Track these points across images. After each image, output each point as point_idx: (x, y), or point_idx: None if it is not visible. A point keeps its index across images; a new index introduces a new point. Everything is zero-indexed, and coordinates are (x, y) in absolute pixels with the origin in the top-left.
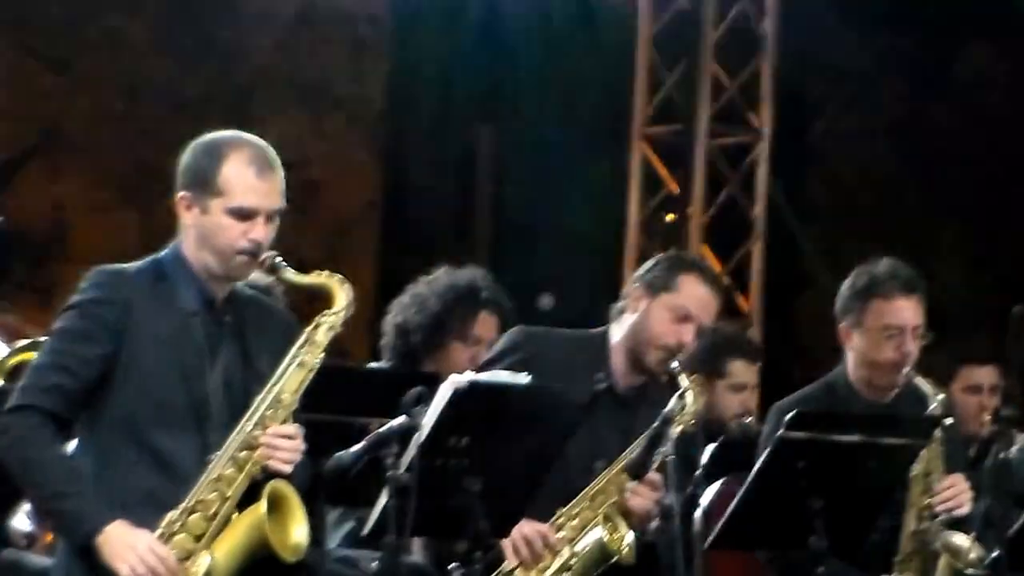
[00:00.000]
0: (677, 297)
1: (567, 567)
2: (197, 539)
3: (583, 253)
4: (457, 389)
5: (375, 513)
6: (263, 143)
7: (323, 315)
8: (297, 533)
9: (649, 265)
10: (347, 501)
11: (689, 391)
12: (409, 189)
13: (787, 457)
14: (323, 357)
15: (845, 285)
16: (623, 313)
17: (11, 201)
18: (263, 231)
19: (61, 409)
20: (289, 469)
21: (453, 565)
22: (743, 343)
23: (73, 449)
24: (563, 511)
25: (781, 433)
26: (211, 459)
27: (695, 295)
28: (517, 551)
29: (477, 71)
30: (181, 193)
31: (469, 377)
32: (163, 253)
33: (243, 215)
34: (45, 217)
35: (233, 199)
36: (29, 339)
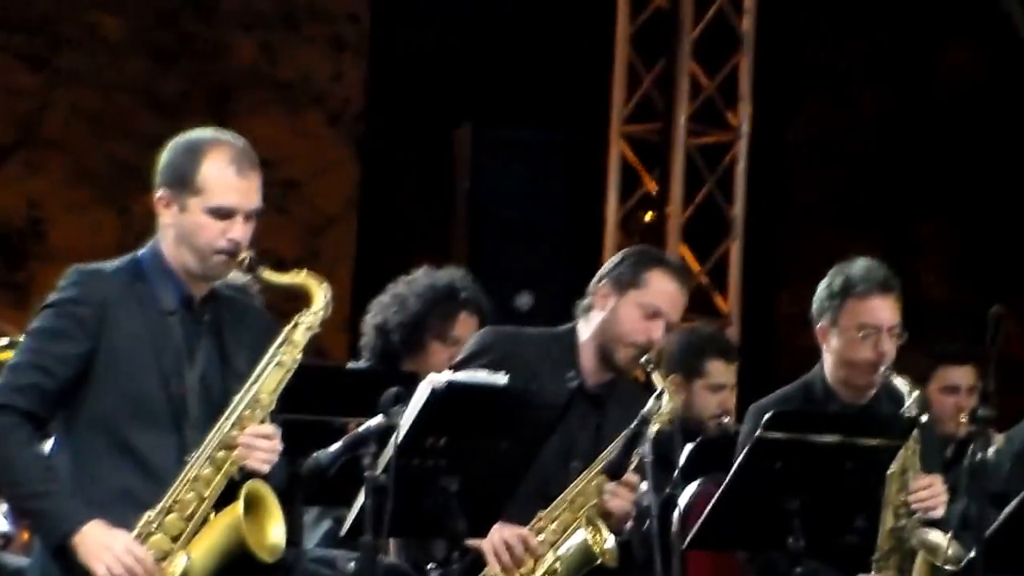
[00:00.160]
0: (645, 294)
1: (551, 571)
2: (174, 539)
3: (561, 252)
4: (435, 389)
5: (352, 513)
6: (242, 142)
7: (301, 314)
8: (274, 533)
9: (615, 261)
10: (325, 501)
11: (665, 390)
12: (387, 188)
13: (765, 457)
14: (301, 356)
15: (821, 285)
16: (590, 311)
17: None
18: (242, 230)
19: (38, 408)
20: (267, 469)
21: (431, 566)
22: (721, 343)
23: (50, 448)
24: (543, 514)
25: (759, 433)
26: (189, 459)
27: (664, 291)
28: (498, 557)
29: (455, 70)
30: (160, 191)
31: (447, 377)
32: (141, 252)
33: (222, 214)
34: (21, 215)
35: (212, 198)
36: (6, 338)
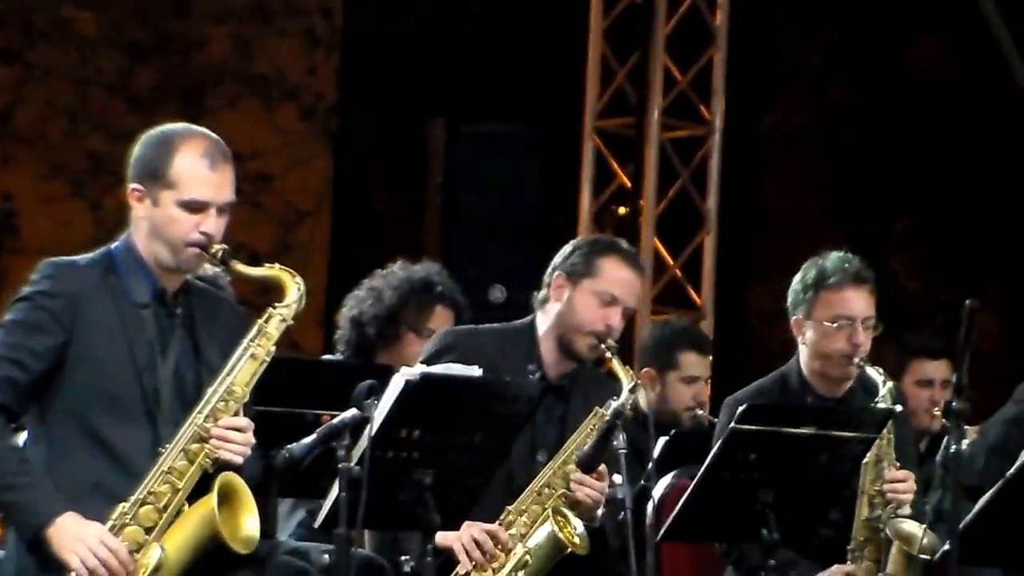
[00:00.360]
0: (600, 282)
1: (523, 564)
2: (148, 531)
3: (535, 246)
4: (409, 382)
5: (327, 505)
6: (215, 136)
7: (275, 307)
8: (248, 525)
9: (567, 251)
10: (299, 493)
11: (627, 379)
12: (361, 182)
13: (739, 449)
14: (275, 349)
15: (796, 278)
16: (547, 302)
17: None
18: (215, 224)
19: (11, 402)
20: (240, 461)
21: (404, 558)
22: (694, 335)
23: (24, 441)
24: (511, 508)
25: (733, 426)
26: (162, 451)
27: (618, 278)
28: (469, 554)
29: (429, 65)
30: (133, 185)
31: (421, 370)
32: (114, 245)
33: (195, 208)
34: None
35: (185, 192)
36: None
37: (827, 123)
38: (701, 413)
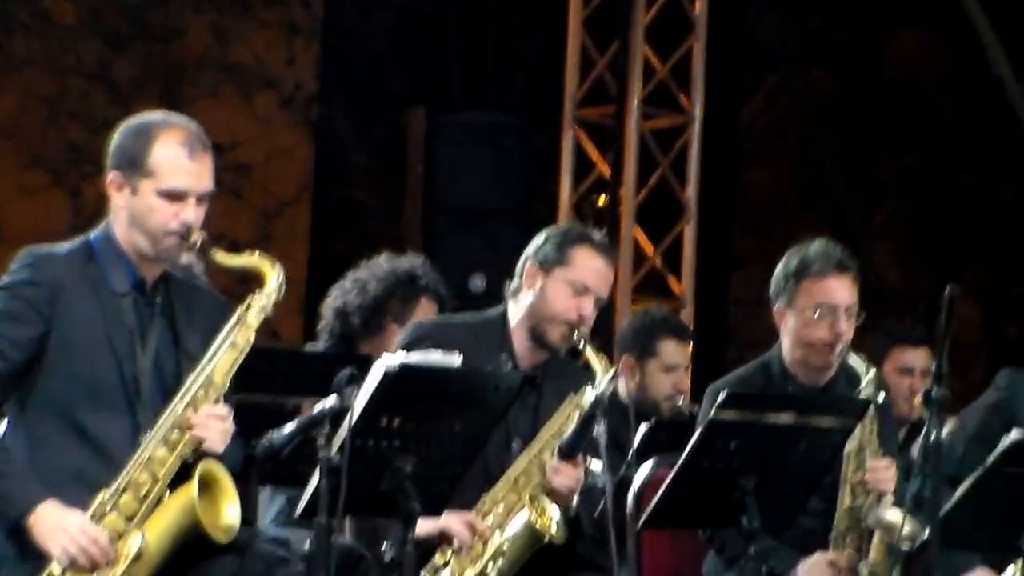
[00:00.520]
0: (572, 271)
1: (500, 553)
2: (128, 519)
3: (515, 235)
4: (388, 371)
5: (307, 493)
6: (193, 125)
7: (254, 296)
8: (229, 513)
9: (539, 241)
10: (279, 481)
11: (602, 367)
12: (341, 171)
13: (719, 437)
14: (254, 338)
15: (778, 267)
16: (519, 292)
17: None
18: (194, 212)
19: None
20: (221, 450)
21: (385, 546)
22: (673, 323)
23: (3, 430)
24: (487, 497)
25: (713, 414)
26: (142, 439)
27: (590, 267)
28: (447, 544)
29: (407, 54)
30: (111, 174)
31: (401, 358)
32: (93, 234)
33: (174, 196)
34: None
35: (164, 180)
36: None
37: (807, 113)
38: (681, 402)
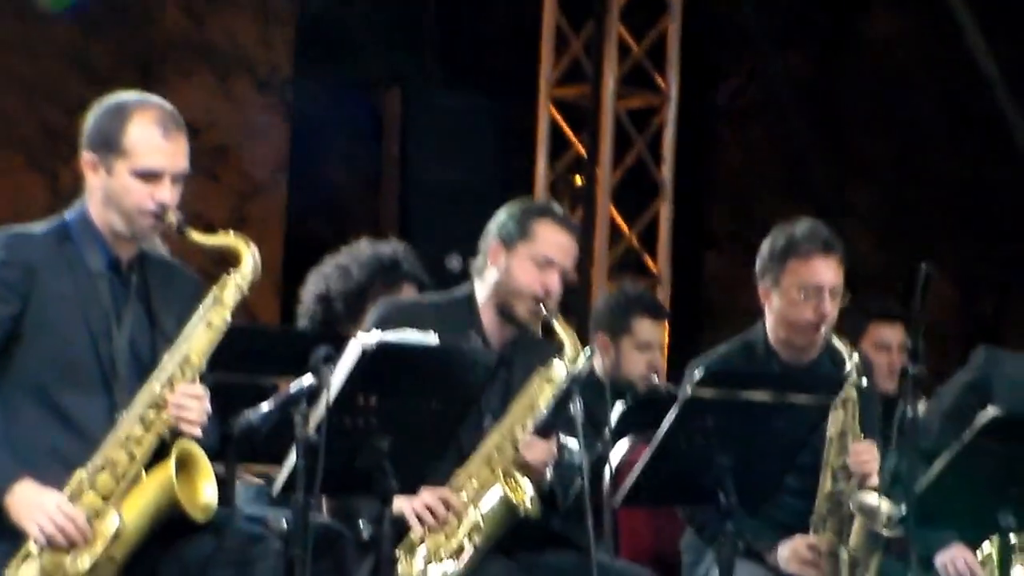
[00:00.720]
0: (535, 246)
1: (475, 528)
2: (105, 498)
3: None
4: (365, 349)
5: (284, 472)
6: (168, 105)
7: (230, 275)
8: (206, 492)
9: (500, 218)
10: (256, 460)
11: (570, 341)
12: (317, 153)
13: (696, 415)
14: (231, 317)
15: (764, 246)
16: (484, 270)
17: None
18: (169, 192)
19: None
20: (197, 429)
21: (362, 524)
22: (648, 302)
23: None
24: (461, 473)
25: (690, 391)
26: (119, 418)
27: (553, 241)
28: (421, 520)
29: (383, 35)
30: (86, 154)
31: (377, 337)
32: (69, 214)
33: (149, 176)
34: None
35: (139, 160)
36: None
37: (783, 92)
38: (656, 381)
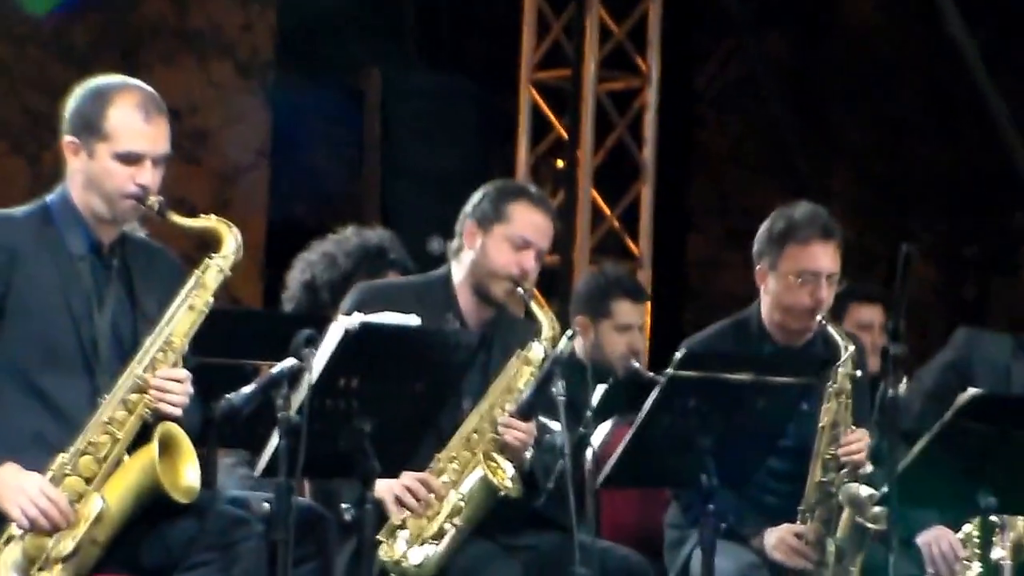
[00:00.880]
0: (511, 227)
1: (457, 510)
2: (88, 481)
3: None
4: (348, 331)
5: (266, 454)
6: (149, 88)
7: (212, 258)
8: (189, 475)
9: (476, 199)
10: (239, 443)
11: (547, 320)
12: (299, 137)
13: (677, 396)
14: (212, 300)
15: (763, 227)
16: (460, 251)
17: None
18: (150, 175)
19: None
20: (179, 412)
21: (345, 506)
22: (627, 283)
23: None
24: (441, 456)
25: (671, 372)
26: (101, 402)
27: (529, 222)
28: (403, 503)
29: (363, 18)
30: (68, 138)
31: (360, 319)
32: (50, 197)
33: (130, 159)
34: None
35: (120, 144)
36: None
37: (763, 75)
38: (637, 365)
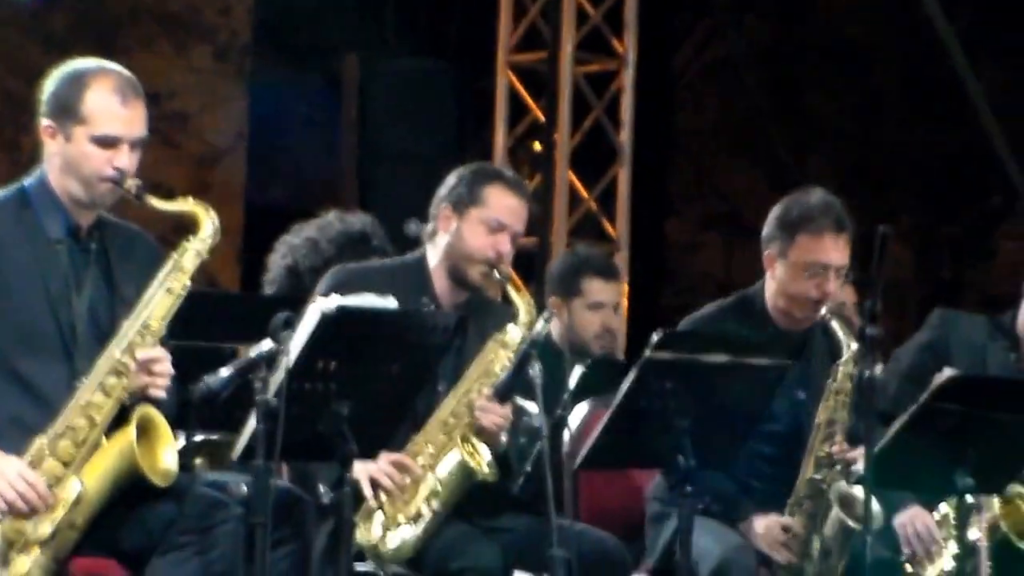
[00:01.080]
0: (486, 210)
1: (434, 493)
2: (66, 465)
3: None
4: (325, 313)
5: (244, 437)
6: (126, 72)
7: (189, 241)
8: (167, 458)
9: (451, 182)
10: (216, 426)
11: (523, 304)
12: (276, 120)
13: (654, 377)
14: (190, 283)
15: (775, 212)
16: (435, 235)
17: None
18: (128, 158)
19: None
20: (158, 394)
21: (322, 489)
22: (598, 262)
23: None
24: (417, 439)
25: (648, 354)
26: (79, 385)
27: (504, 205)
28: (379, 487)
29: (340, 2)
30: (45, 121)
31: (337, 301)
32: (28, 181)
33: (107, 143)
34: None
35: (97, 127)
36: None
37: (740, 57)
38: (615, 344)
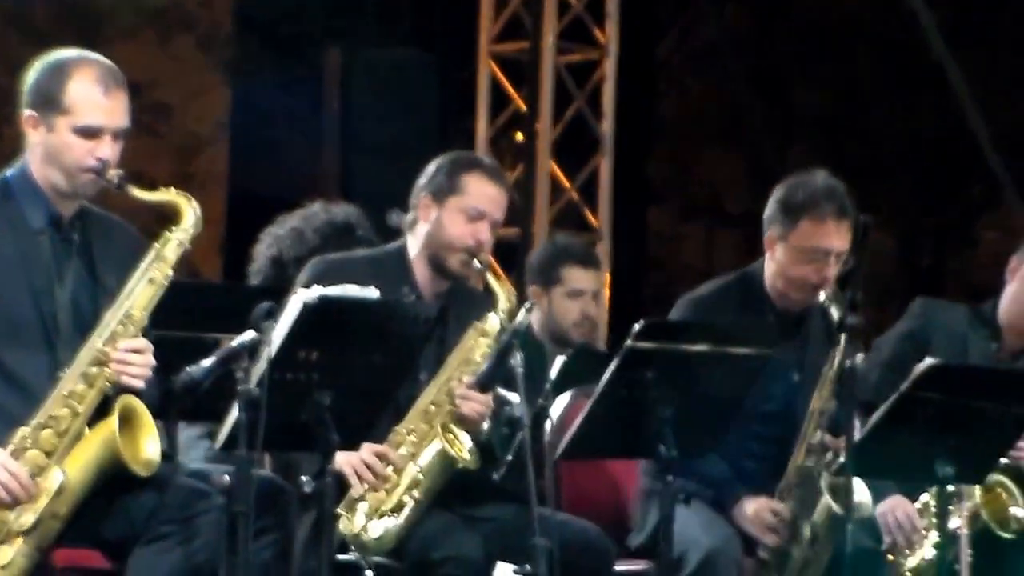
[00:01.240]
0: (465, 199)
1: (416, 482)
2: (48, 455)
3: None
4: (306, 303)
5: (226, 427)
6: (109, 62)
7: (171, 231)
8: (149, 448)
9: (431, 171)
10: (198, 416)
11: (503, 293)
12: (258, 111)
13: (636, 366)
14: (172, 273)
15: (778, 194)
16: (415, 224)
17: None
18: (110, 149)
19: None
20: (140, 384)
21: (304, 479)
22: (577, 249)
23: None
24: (399, 428)
25: (629, 343)
26: (61, 375)
27: (483, 193)
28: (361, 477)
29: None
30: (27, 112)
31: (318, 291)
32: (9, 172)
33: (89, 133)
34: None
35: (79, 117)
36: None
37: (722, 47)
38: (595, 332)
